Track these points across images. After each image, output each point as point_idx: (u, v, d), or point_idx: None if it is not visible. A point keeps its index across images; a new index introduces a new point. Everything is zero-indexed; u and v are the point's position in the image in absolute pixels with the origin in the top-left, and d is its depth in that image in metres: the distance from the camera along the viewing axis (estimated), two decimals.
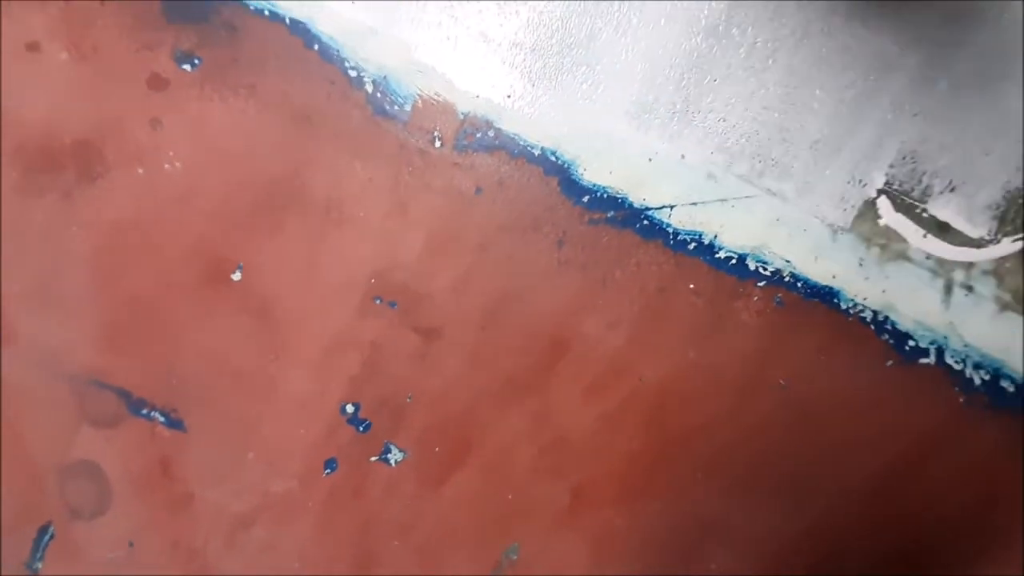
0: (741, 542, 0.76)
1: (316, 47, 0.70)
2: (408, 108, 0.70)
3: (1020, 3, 0.64)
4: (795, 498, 0.75)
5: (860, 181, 0.69)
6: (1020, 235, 0.69)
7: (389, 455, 0.78)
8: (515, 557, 0.79)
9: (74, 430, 0.82)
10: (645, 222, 0.71)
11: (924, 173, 0.68)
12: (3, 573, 0.87)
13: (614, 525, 0.78)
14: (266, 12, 0.70)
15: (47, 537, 0.85)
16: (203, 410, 0.79)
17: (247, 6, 0.70)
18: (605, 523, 0.78)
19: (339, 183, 0.72)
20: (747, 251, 0.71)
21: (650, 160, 0.70)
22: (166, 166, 0.73)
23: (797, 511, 0.75)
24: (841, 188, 0.69)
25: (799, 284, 0.71)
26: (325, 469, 0.79)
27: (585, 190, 0.71)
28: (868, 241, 0.70)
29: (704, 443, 0.75)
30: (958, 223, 0.69)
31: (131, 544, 0.83)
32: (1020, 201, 0.69)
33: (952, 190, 0.69)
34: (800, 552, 0.76)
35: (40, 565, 0.86)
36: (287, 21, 0.70)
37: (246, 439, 0.80)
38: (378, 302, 0.74)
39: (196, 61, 0.71)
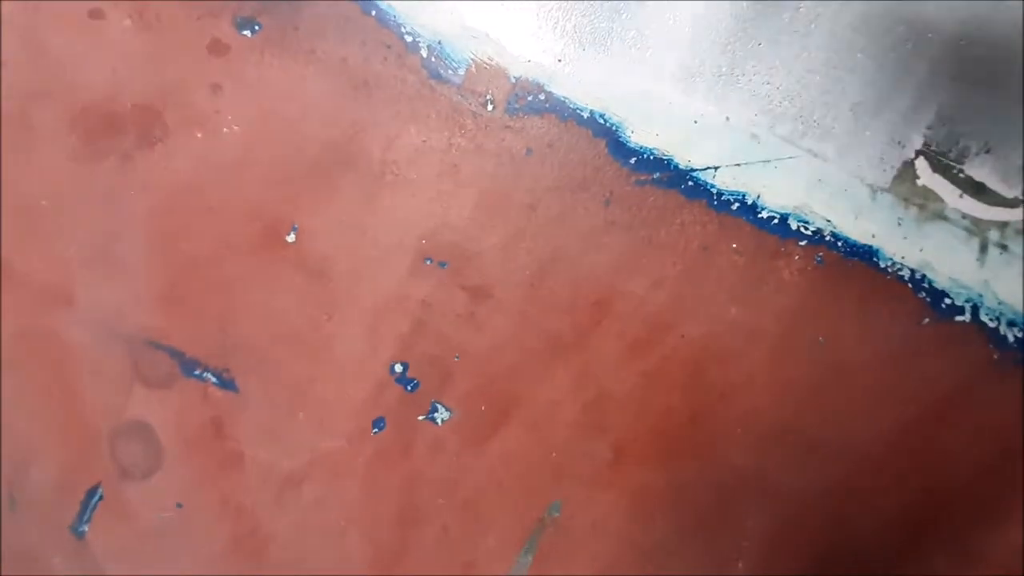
0: (776, 496, 0.77)
1: (373, 13, 0.71)
2: (462, 72, 0.72)
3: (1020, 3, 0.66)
4: (830, 452, 0.75)
5: (899, 142, 0.70)
6: None
7: (436, 414, 0.79)
8: (557, 515, 0.80)
9: (128, 391, 0.83)
10: (690, 183, 0.72)
11: (961, 135, 0.70)
12: (46, 537, 0.88)
13: (653, 481, 0.78)
14: None
15: (96, 499, 0.86)
16: (255, 371, 0.80)
17: None
18: (644, 479, 0.78)
19: (393, 146, 0.73)
20: (789, 211, 0.72)
21: (695, 122, 0.71)
22: (224, 130, 0.75)
23: (832, 465, 0.76)
24: (880, 149, 0.70)
25: (839, 243, 0.72)
26: (373, 428, 0.80)
27: (632, 152, 0.72)
28: (906, 201, 0.71)
29: (743, 399, 0.76)
30: (993, 183, 0.70)
31: (180, 505, 0.84)
32: None
33: (988, 151, 0.70)
34: (834, 503, 0.76)
35: (86, 528, 0.86)
36: None
37: (296, 399, 0.80)
38: (429, 262, 0.75)
39: (256, 27, 0.72)
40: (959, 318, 0.72)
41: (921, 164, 0.70)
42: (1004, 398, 0.74)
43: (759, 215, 0.72)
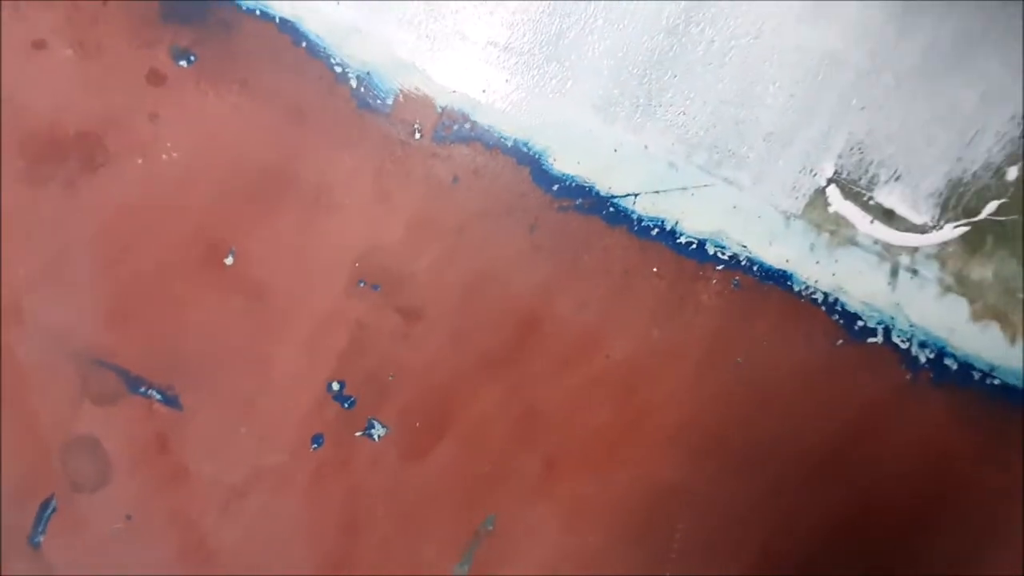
0: (704, 506, 0.78)
1: (304, 45, 0.72)
2: (390, 102, 0.73)
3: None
4: (753, 466, 0.77)
5: (811, 171, 0.71)
6: (962, 221, 0.72)
7: (373, 430, 0.80)
8: (491, 527, 0.81)
9: (77, 407, 0.84)
10: (611, 209, 0.73)
11: (871, 163, 0.71)
12: (5, 547, 0.89)
13: (585, 493, 0.80)
14: (257, 12, 0.72)
15: (49, 510, 0.87)
16: (198, 388, 0.81)
17: (239, 6, 0.72)
18: (576, 491, 0.80)
19: (326, 172, 0.74)
20: (706, 236, 0.73)
21: (615, 151, 0.72)
22: (164, 156, 0.76)
23: (755, 478, 0.77)
24: (793, 177, 0.72)
25: (755, 268, 0.73)
26: (313, 443, 0.81)
27: (555, 179, 0.73)
28: (819, 227, 0.72)
29: (668, 415, 0.77)
30: (903, 210, 0.72)
31: (129, 516, 0.85)
32: (961, 189, 0.71)
33: (897, 179, 0.71)
34: (759, 514, 0.78)
35: (42, 539, 0.88)
36: (276, 20, 0.72)
37: (238, 415, 0.82)
38: (362, 284, 0.77)
39: (192, 58, 0.73)
40: (872, 340, 0.74)
41: (832, 191, 0.72)
42: (918, 416, 0.75)
43: (678, 240, 0.73)
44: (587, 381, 0.77)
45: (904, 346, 0.73)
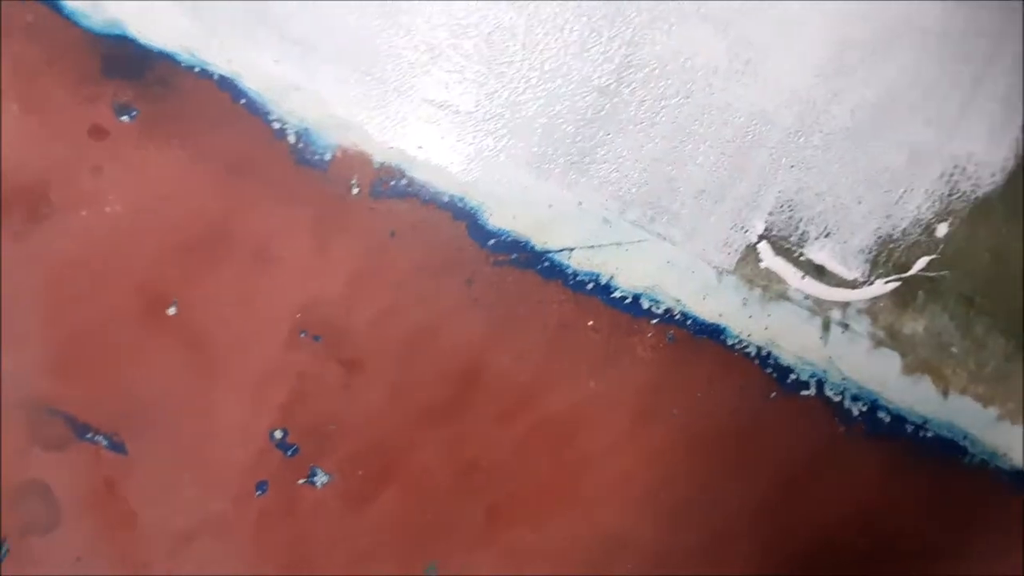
0: (644, 555, 0.77)
1: (243, 101, 0.72)
2: (328, 158, 0.72)
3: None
4: (691, 515, 0.76)
5: (742, 227, 0.71)
6: (892, 277, 0.72)
7: (315, 478, 0.79)
8: (434, 573, 0.81)
9: (27, 452, 0.83)
10: (546, 264, 0.73)
11: (801, 220, 0.71)
12: None
13: (526, 541, 0.79)
14: (197, 69, 0.72)
15: (3, 552, 0.87)
16: (143, 435, 0.81)
17: (179, 63, 0.72)
18: (518, 539, 0.79)
19: (265, 226, 0.74)
20: (640, 291, 0.73)
21: (550, 207, 0.72)
22: (107, 209, 0.75)
23: (697, 527, 0.76)
24: (725, 234, 0.71)
25: (689, 322, 0.73)
26: (256, 490, 0.80)
27: (491, 234, 0.73)
28: (751, 282, 0.72)
29: (607, 465, 0.76)
30: (833, 266, 0.71)
31: (79, 559, 0.85)
32: (891, 246, 0.71)
33: (827, 235, 0.71)
34: (699, 563, 0.77)
35: None
36: (216, 77, 0.72)
37: (183, 462, 0.81)
38: (304, 335, 0.76)
39: (133, 113, 0.73)
40: (805, 392, 0.73)
41: (764, 247, 0.71)
42: (852, 468, 0.75)
43: (612, 295, 0.73)
44: (527, 432, 0.76)
45: (837, 399, 0.73)
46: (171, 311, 0.76)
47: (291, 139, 0.71)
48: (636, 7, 0.67)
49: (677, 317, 0.71)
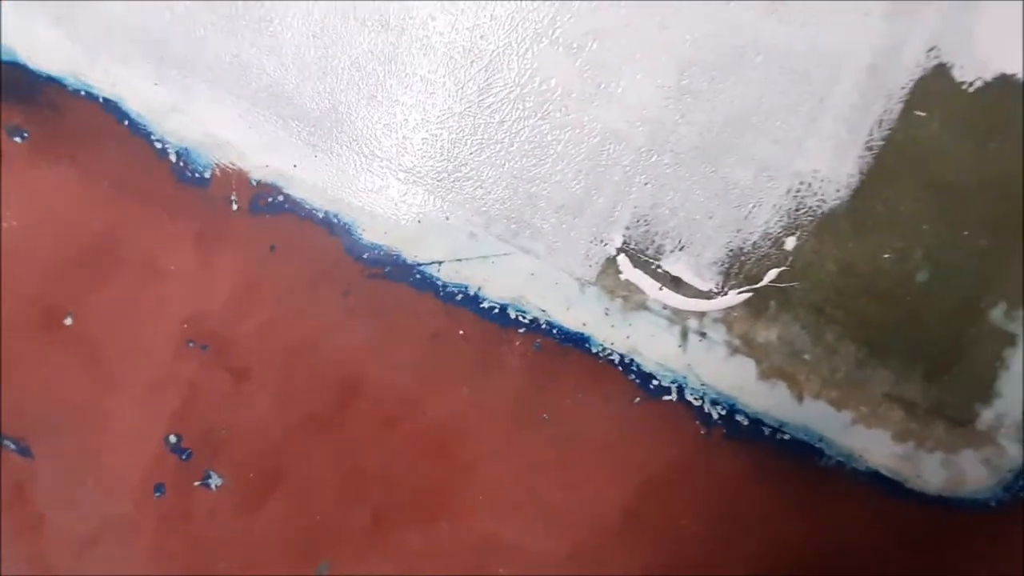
0: (521, 557, 0.79)
1: (126, 123, 0.73)
2: (208, 175, 0.74)
3: None
4: (566, 518, 0.77)
5: (601, 241, 0.73)
6: (745, 288, 0.74)
7: (210, 480, 0.81)
8: (326, 573, 0.83)
9: None
10: (418, 276, 0.75)
11: (656, 234, 0.73)
12: None
13: (412, 542, 0.80)
14: (82, 92, 0.73)
15: None
16: (47, 441, 0.82)
17: (66, 86, 0.74)
18: (404, 541, 0.80)
19: (151, 241, 0.75)
20: (507, 302, 0.74)
21: (419, 221, 0.74)
22: (4, 224, 0.78)
23: (570, 529, 0.78)
24: (585, 247, 0.73)
25: (554, 331, 0.75)
26: (155, 493, 0.82)
27: (365, 248, 0.74)
28: (612, 293, 0.74)
29: (484, 469, 0.78)
30: (689, 277, 0.73)
31: None
32: (742, 258, 0.73)
33: (682, 249, 0.73)
34: (574, 565, 0.79)
35: None
36: (100, 100, 0.73)
37: (85, 467, 0.82)
38: (192, 345, 0.78)
39: (25, 134, 0.75)
40: (667, 397, 0.75)
41: (623, 260, 0.73)
42: (715, 469, 0.77)
43: (481, 305, 0.75)
44: (407, 439, 0.78)
45: (697, 403, 0.75)
46: (67, 321, 0.78)
47: (172, 158, 0.73)
48: (493, 34, 0.69)
49: (543, 326, 0.73)
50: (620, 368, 0.70)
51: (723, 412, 0.71)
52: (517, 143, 0.66)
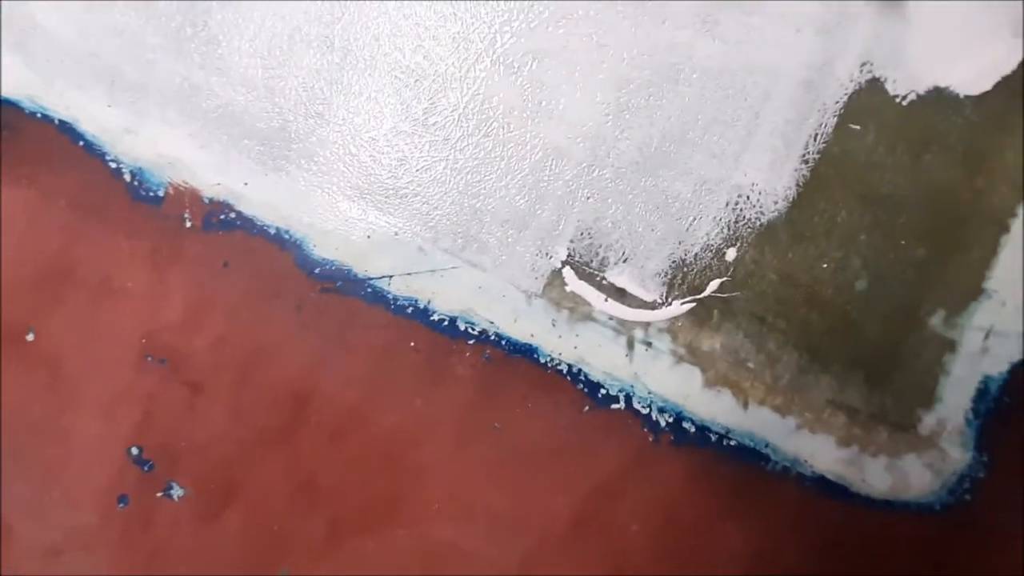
0: (473, 564, 0.80)
1: (81, 143, 0.75)
2: (161, 194, 0.75)
3: None
4: (518, 525, 0.78)
5: (547, 254, 0.74)
6: (688, 298, 0.75)
7: (172, 491, 0.82)
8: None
9: None
10: (369, 290, 0.76)
11: (600, 246, 0.74)
12: None
13: (367, 551, 0.82)
14: (39, 115, 0.75)
15: None
16: (12, 453, 0.83)
17: (23, 109, 0.75)
18: (359, 549, 0.82)
19: (108, 259, 0.76)
20: (457, 314, 0.76)
21: (369, 237, 0.75)
22: None
23: (521, 536, 0.79)
24: (531, 260, 0.74)
25: (503, 342, 0.76)
26: (119, 503, 0.84)
27: (316, 263, 0.75)
28: (558, 305, 0.75)
29: (437, 477, 0.79)
30: (633, 288, 0.74)
31: None
32: (685, 269, 0.74)
33: (625, 261, 0.74)
34: (522, 571, 0.80)
35: None
36: (56, 122, 0.74)
37: (51, 478, 0.84)
38: (150, 360, 0.79)
39: None
40: (615, 406, 0.76)
41: (568, 273, 0.74)
42: (663, 475, 0.78)
43: (431, 318, 0.76)
44: (360, 449, 0.79)
45: (645, 411, 0.76)
46: (29, 337, 0.79)
47: (127, 177, 0.74)
48: (436, 54, 0.71)
49: (492, 338, 0.75)
50: (568, 378, 0.72)
51: (670, 420, 0.72)
52: (462, 160, 0.68)
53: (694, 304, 0.69)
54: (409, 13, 0.66)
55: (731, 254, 0.68)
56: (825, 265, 0.68)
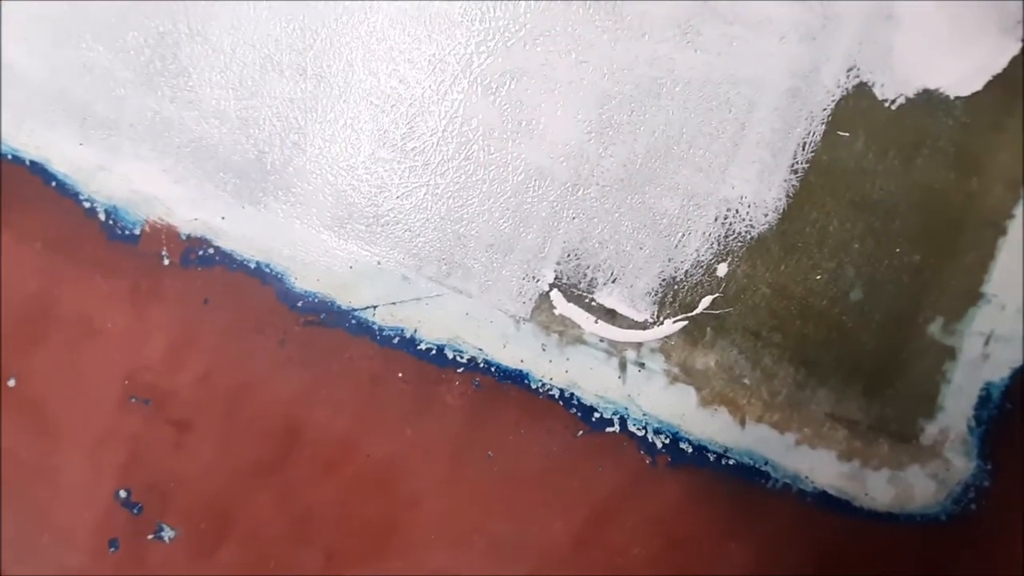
0: None
1: (53, 184, 0.72)
2: (138, 232, 0.73)
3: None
4: (511, 552, 0.77)
5: (533, 277, 0.72)
6: (680, 316, 0.73)
7: (163, 533, 0.80)
8: None
9: None
10: (353, 321, 0.74)
11: (588, 267, 0.71)
12: None
13: None
14: (9, 156, 0.72)
15: None
16: (5, 498, 0.82)
17: None
18: None
19: (86, 300, 0.74)
20: (444, 342, 0.73)
21: (351, 267, 0.73)
22: None
23: (519, 562, 0.77)
24: (518, 284, 0.72)
25: (492, 369, 0.73)
26: (110, 547, 0.81)
27: (298, 296, 0.73)
28: (547, 328, 0.73)
29: (431, 506, 0.76)
30: (623, 309, 0.72)
31: None
32: (675, 287, 0.72)
33: (614, 281, 0.72)
34: None
35: None
36: (27, 163, 0.72)
37: (38, 523, 0.81)
38: (134, 400, 0.77)
39: None
40: (609, 429, 0.74)
41: (556, 295, 0.72)
42: (660, 498, 0.75)
43: (418, 347, 0.73)
44: (352, 480, 0.76)
45: (640, 433, 0.73)
46: (11, 383, 0.77)
47: (102, 216, 0.71)
48: (412, 78, 0.68)
49: (481, 365, 0.72)
50: (561, 402, 0.69)
51: (667, 440, 0.70)
52: (443, 184, 0.65)
53: (686, 322, 0.67)
54: (383, 37, 0.64)
55: (722, 269, 0.65)
56: (819, 276, 0.66)
